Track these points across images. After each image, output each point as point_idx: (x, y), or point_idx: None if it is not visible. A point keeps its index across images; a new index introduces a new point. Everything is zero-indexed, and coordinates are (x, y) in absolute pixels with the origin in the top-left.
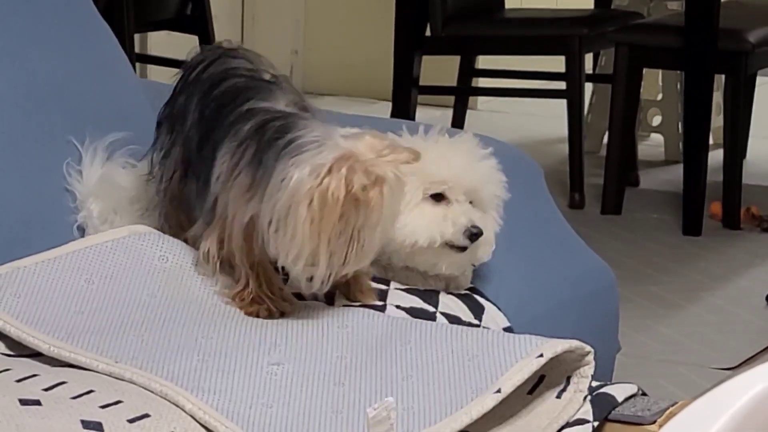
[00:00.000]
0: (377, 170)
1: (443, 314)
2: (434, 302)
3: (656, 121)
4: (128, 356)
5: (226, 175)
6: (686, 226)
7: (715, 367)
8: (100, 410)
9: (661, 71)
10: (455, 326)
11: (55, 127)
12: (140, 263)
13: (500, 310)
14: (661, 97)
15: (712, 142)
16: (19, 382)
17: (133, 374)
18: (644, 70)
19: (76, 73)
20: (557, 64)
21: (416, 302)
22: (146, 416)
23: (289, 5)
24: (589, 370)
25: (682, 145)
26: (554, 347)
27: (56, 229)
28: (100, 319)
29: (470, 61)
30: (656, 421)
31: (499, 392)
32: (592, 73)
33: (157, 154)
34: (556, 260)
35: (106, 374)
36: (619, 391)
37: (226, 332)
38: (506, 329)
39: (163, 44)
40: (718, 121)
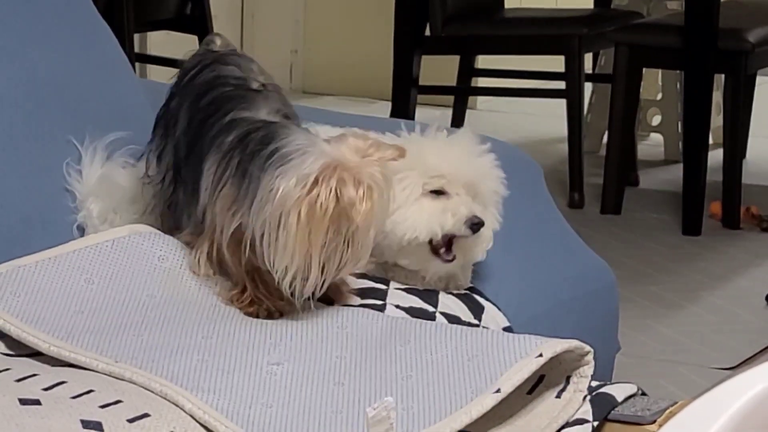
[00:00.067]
0: (365, 178)
1: (443, 314)
2: (434, 302)
3: (656, 120)
4: (128, 356)
5: (212, 187)
6: (686, 225)
7: (714, 366)
8: (99, 410)
9: (660, 71)
10: (455, 326)
11: (55, 126)
12: (140, 263)
13: (500, 309)
14: (660, 96)
15: (711, 141)
16: (18, 381)
17: (132, 374)
18: (644, 69)
19: (76, 73)
20: (557, 63)
21: (416, 302)
22: (146, 416)
23: (288, 5)
24: (588, 369)
25: (681, 144)
26: (554, 347)
27: (56, 228)
28: (99, 318)
29: (470, 60)
30: (656, 420)
31: (498, 392)
32: (591, 72)
33: (152, 155)
34: (555, 260)
35: (105, 374)
36: (618, 390)
37: (225, 332)
38: (506, 329)
39: (162, 44)
40: (717, 120)
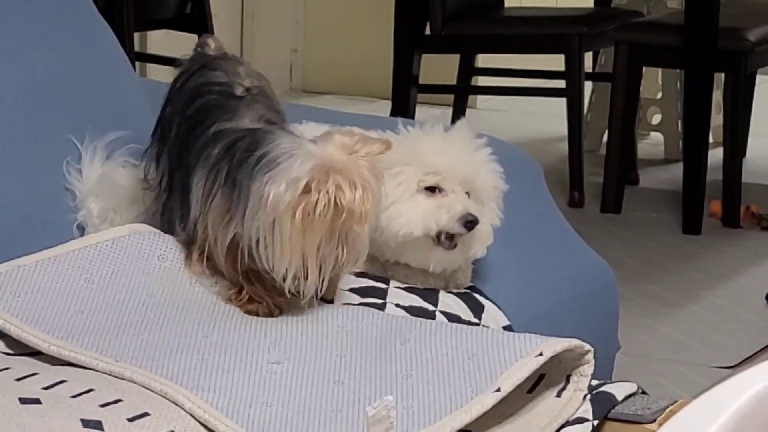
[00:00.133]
0: (358, 179)
1: (443, 313)
2: (434, 301)
3: (656, 119)
4: (128, 355)
5: (203, 200)
6: (686, 224)
7: (714, 365)
8: (99, 409)
9: (660, 70)
10: (455, 325)
11: (55, 126)
12: (140, 262)
13: (500, 308)
14: (660, 95)
15: (711, 140)
16: (18, 380)
17: (132, 373)
18: (644, 68)
19: (76, 72)
20: (557, 62)
21: (416, 301)
22: (146, 415)
23: (288, 4)
24: (588, 368)
25: (681, 143)
26: (554, 346)
27: (56, 228)
28: (99, 317)
29: (470, 59)
30: (656, 419)
31: (498, 391)
32: (591, 71)
33: (151, 160)
34: (555, 259)
35: (105, 373)
36: (618, 389)
37: (225, 331)
38: (506, 328)
39: (162, 43)
40: (717, 119)
